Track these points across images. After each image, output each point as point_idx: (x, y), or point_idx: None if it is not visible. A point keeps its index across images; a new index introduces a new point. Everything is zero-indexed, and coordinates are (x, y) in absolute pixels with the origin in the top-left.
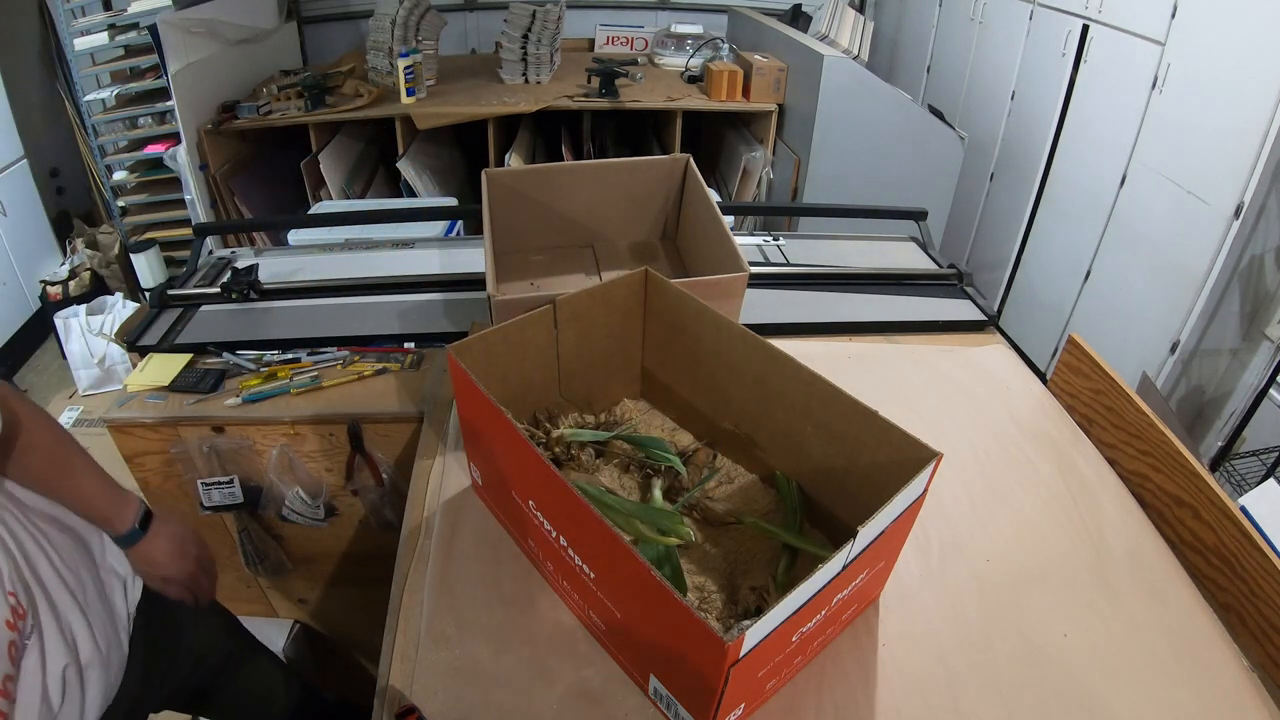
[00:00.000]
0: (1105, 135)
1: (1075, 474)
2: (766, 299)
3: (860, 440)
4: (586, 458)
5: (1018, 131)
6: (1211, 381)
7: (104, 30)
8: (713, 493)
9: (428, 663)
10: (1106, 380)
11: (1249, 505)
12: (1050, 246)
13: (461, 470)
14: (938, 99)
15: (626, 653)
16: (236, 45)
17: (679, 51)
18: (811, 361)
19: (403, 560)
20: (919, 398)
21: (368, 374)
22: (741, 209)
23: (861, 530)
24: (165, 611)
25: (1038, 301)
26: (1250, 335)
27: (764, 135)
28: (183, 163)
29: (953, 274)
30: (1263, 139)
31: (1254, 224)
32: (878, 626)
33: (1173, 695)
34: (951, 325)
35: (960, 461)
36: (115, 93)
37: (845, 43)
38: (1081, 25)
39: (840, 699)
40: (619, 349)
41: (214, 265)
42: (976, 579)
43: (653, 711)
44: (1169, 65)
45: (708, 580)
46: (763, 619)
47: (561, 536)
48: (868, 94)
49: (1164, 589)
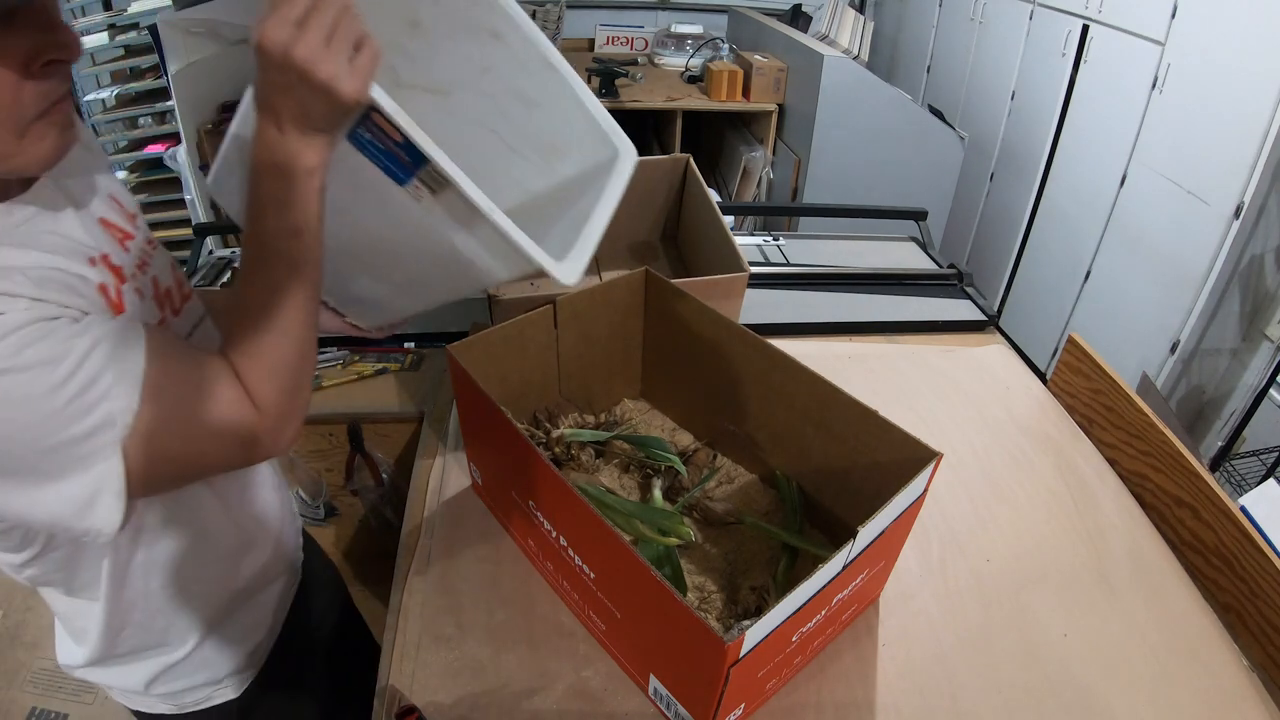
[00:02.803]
0: (1105, 135)
1: (1075, 474)
2: (766, 299)
3: (860, 440)
4: (586, 458)
5: (1018, 131)
6: (1211, 381)
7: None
8: (713, 493)
9: (428, 663)
10: (1106, 380)
11: (1249, 505)
12: (1050, 246)
13: (461, 470)
14: (938, 99)
15: (626, 653)
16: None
17: (679, 51)
18: (811, 361)
19: (403, 560)
20: (919, 398)
21: (367, 374)
22: (741, 209)
23: (861, 530)
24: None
25: (1038, 301)
26: (1250, 335)
27: (764, 135)
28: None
29: (953, 274)
30: (1263, 139)
31: (1254, 224)
32: (878, 626)
33: (1173, 695)
34: (951, 325)
35: (960, 461)
36: (115, 93)
37: (845, 43)
38: (1081, 25)
39: (840, 699)
40: (619, 349)
41: (214, 265)
42: (976, 579)
43: (653, 711)
44: (1169, 65)
45: (708, 580)
46: (763, 619)
47: (561, 536)
48: (868, 94)
49: (1164, 589)
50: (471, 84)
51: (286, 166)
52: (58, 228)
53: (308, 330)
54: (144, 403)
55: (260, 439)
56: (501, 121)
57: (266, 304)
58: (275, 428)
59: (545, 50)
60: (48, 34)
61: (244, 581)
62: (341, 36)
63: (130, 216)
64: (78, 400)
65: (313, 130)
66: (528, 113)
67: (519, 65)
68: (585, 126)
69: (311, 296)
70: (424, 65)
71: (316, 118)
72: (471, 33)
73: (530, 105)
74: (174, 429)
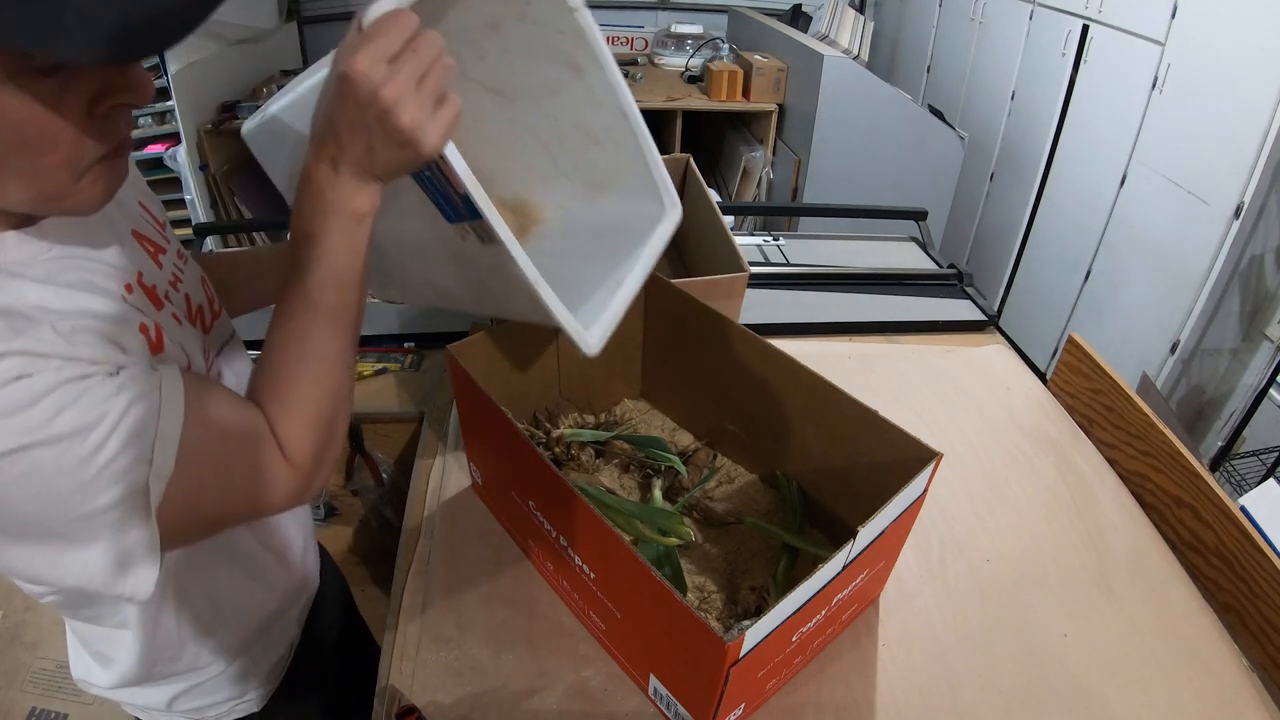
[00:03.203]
0: (1105, 135)
1: (1075, 474)
2: (766, 299)
3: (860, 440)
4: (586, 458)
5: (1018, 131)
6: (1211, 381)
7: None
8: (713, 493)
9: (428, 663)
10: (1106, 380)
11: (1249, 505)
12: (1050, 246)
13: (461, 470)
14: (938, 99)
15: (626, 653)
16: (236, 45)
17: (679, 51)
18: (811, 361)
19: (403, 560)
20: (919, 398)
21: (367, 374)
22: (741, 209)
23: (861, 530)
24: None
25: (1038, 301)
26: (1250, 335)
27: (764, 135)
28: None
29: (953, 274)
30: (1263, 139)
31: (1254, 224)
32: (878, 627)
33: (1173, 695)
34: (951, 325)
35: (960, 461)
36: None
37: (845, 43)
38: (1081, 25)
39: (840, 699)
40: (619, 349)
41: None
42: (976, 579)
43: (653, 711)
44: (1169, 65)
45: (708, 580)
46: (763, 619)
47: (561, 536)
48: (868, 94)
49: (1164, 589)
50: (537, 100)
51: (338, 211)
52: (91, 253)
53: (347, 382)
54: (180, 464)
55: (291, 493)
56: (557, 144)
57: (305, 355)
58: (307, 482)
59: (623, 98)
60: (117, 75)
61: (275, 605)
62: (433, 84)
63: (160, 226)
64: (111, 467)
65: (371, 176)
66: (585, 146)
67: (591, 101)
68: (640, 176)
69: (352, 346)
70: (493, 66)
71: (380, 164)
72: (552, 57)
73: (590, 139)
74: (208, 490)
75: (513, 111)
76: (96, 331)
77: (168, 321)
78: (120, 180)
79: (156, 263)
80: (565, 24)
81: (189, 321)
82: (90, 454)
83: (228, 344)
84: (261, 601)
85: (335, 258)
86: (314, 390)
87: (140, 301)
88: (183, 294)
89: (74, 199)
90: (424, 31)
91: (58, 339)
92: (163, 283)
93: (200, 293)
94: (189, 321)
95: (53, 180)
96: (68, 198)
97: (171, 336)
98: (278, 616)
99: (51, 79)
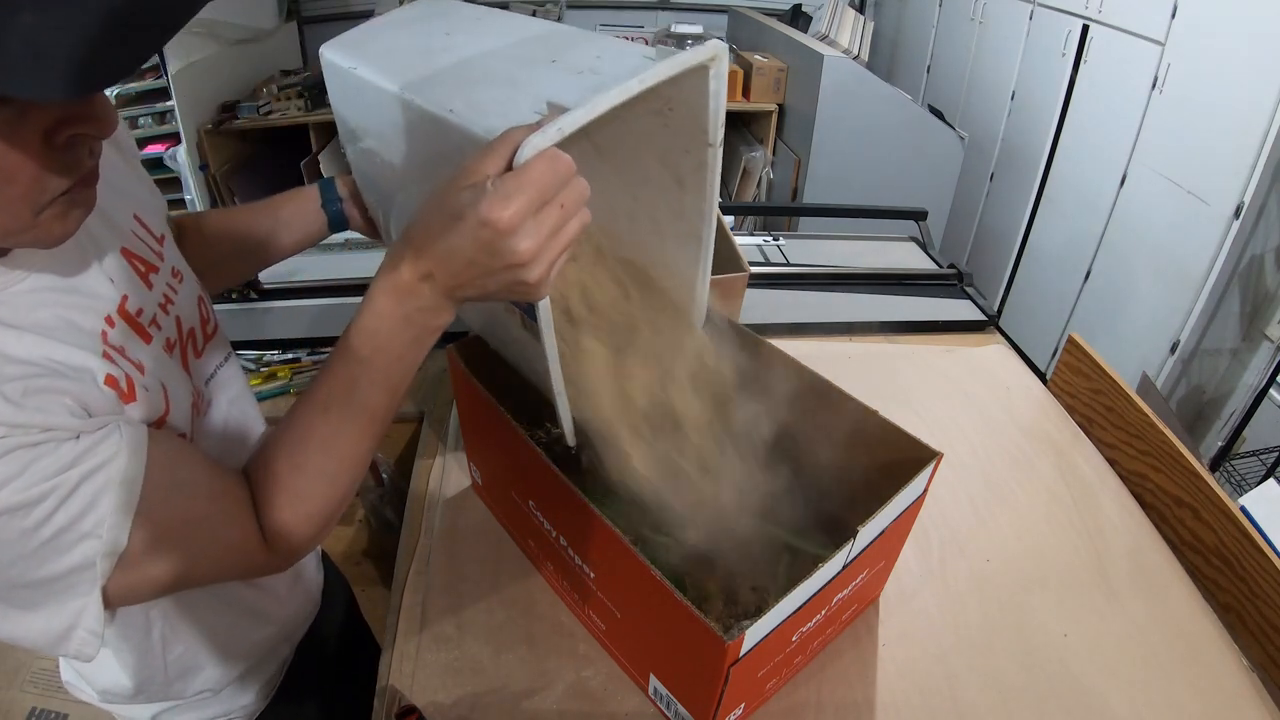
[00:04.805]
0: (1105, 135)
1: (1075, 474)
2: (766, 299)
3: (860, 440)
4: None
5: (1018, 131)
6: (1211, 381)
7: None
8: None
9: (428, 663)
10: (1106, 380)
11: (1249, 505)
12: (1050, 246)
13: (461, 470)
14: (938, 99)
15: (626, 653)
16: (236, 45)
17: None
18: (811, 361)
19: (403, 560)
20: (919, 398)
21: None
22: (741, 209)
23: (861, 530)
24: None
25: (1038, 301)
26: (1250, 335)
27: (764, 135)
28: (183, 163)
29: (953, 274)
30: (1263, 139)
31: (1254, 224)
32: (878, 626)
33: (1173, 695)
34: (951, 325)
35: (960, 461)
36: (115, 93)
37: (845, 43)
38: (1081, 25)
39: (840, 699)
40: None
41: None
42: (976, 579)
43: (653, 711)
44: (1169, 65)
45: (708, 580)
46: (763, 619)
47: (561, 536)
48: (868, 94)
49: (1164, 589)
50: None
51: (418, 323)
52: (69, 282)
53: (359, 480)
54: (136, 532)
55: (263, 569)
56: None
57: (329, 452)
58: (283, 562)
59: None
60: (78, 106)
61: (270, 637)
62: (566, 240)
63: (157, 240)
64: (55, 541)
65: (462, 299)
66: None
67: (675, 213)
68: (685, 294)
69: (374, 449)
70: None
71: (476, 293)
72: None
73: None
74: (165, 560)
75: (605, 171)
76: (56, 391)
77: (150, 357)
78: (86, 213)
79: (146, 283)
80: (693, 146)
81: (179, 347)
82: (33, 528)
83: (222, 367)
84: (257, 639)
85: (398, 365)
86: (326, 489)
87: (121, 336)
88: (173, 317)
89: (34, 233)
90: (575, 181)
91: (5, 406)
92: (151, 306)
93: (194, 314)
94: (179, 347)
95: (11, 214)
96: (28, 231)
97: (151, 378)
98: (273, 645)
99: (5, 109)
